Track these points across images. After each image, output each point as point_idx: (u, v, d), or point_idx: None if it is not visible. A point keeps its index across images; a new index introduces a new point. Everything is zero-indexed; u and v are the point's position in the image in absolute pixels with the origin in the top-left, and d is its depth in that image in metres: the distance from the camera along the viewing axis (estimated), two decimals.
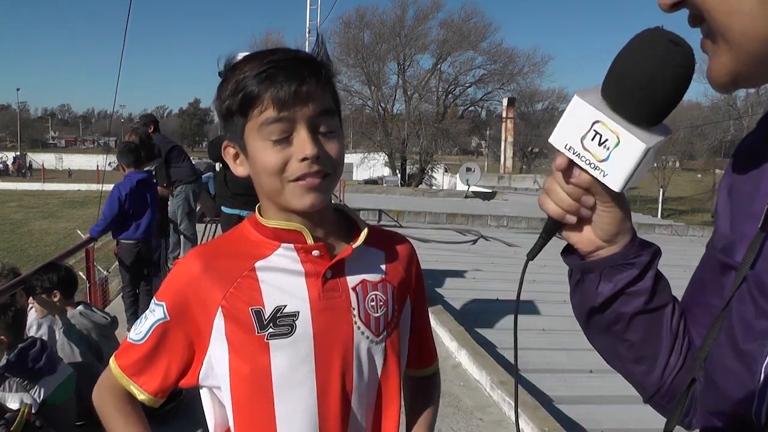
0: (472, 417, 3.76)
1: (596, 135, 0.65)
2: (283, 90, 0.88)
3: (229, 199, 4.61)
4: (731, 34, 0.56)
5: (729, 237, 0.67)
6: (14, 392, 2.89)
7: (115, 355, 1.04)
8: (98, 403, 1.05)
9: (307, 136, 0.90)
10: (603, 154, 0.65)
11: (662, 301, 0.76)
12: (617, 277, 0.75)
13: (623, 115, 0.64)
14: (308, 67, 0.91)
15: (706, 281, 0.74)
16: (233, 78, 0.92)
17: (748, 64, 0.57)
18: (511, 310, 5.84)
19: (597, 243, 0.76)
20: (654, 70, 0.62)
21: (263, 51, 0.95)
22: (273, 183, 0.93)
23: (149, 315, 1.00)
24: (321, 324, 0.96)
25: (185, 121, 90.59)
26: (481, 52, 34.26)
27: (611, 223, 0.73)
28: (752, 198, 0.65)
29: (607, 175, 0.65)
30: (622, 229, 0.75)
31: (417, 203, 14.68)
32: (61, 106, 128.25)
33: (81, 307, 3.64)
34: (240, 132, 0.94)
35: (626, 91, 0.64)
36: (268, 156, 0.91)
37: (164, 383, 1.00)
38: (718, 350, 0.62)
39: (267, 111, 0.90)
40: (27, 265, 9.19)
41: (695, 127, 40.64)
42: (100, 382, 1.06)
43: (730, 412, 0.60)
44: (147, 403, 1.02)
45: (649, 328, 0.77)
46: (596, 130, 0.65)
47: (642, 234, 0.73)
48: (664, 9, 0.61)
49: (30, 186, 33.84)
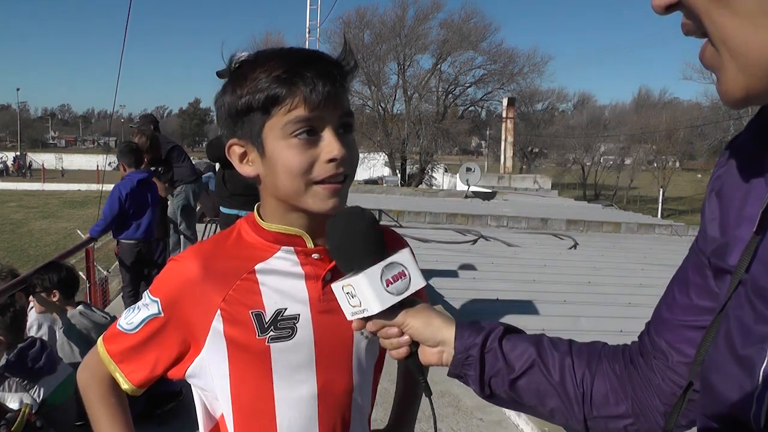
0: (472, 417, 3.76)
1: (348, 295, 0.86)
2: (316, 90, 0.87)
3: (227, 199, 4.59)
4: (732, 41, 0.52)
5: (719, 240, 0.67)
6: (14, 392, 2.89)
7: (103, 338, 1.03)
8: (83, 386, 1.04)
9: (334, 138, 0.90)
10: (358, 301, 0.85)
11: (527, 364, 0.84)
12: (470, 376, 0.85)
13: (351, 270, 0.85)
14: (338, 69, 0.91)
15: (691, 282, 0.74)
16: (252, 74, 0.89)
17: (756, 75, 0.52)
18: (511, 310, 5.84)
19: (435, 352, 0.87)
20: (335, 237, 0.86)
21: (279, 49, 0.93)
22: (295, 184, 0.91)
23: (142, 308, 0.98)
24: (321, 326, 0.96)
25: (185, 121, 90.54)
26: (481, 52, 34.31)
27: (419, 334, 0.86)
28: (744, 201, 0.64)
29: (366, 309, 0.84)
30: (435, 330, 0.85)
31: (417, 203, 14.66)
32: (61, 106, 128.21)
33: (81, 307, 3.64)
34: (258, 130, 0.91)
35: (337, 260, 0.89)
36: (293, 156, 0.90)
37: (150, 376, 0.99)
38: (715, 355, 0.62)
39: (297, 109, 0.88)
40: (27, 265, 9.19)
41: (695, 127, 40.64)
42: (85, 363, 1.05)
43: (727, 415, 0.59)
44: (129, 392, 1.01)
45: (536, 389, 0.84)
46: (346, 292, 0.86)
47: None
48: (659, 12, 0.58)
49: (30, 186, 33.82)
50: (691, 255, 0.76)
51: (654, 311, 0.81)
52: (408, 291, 0.85)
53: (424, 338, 0.86)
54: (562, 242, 10.34)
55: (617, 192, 45.41)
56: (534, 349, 0.85)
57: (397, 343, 0.87)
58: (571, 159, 46.87)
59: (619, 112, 55.18)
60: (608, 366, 0.84)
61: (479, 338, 0.85)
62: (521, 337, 0.88)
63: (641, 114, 48.05)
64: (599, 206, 18.52)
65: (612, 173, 46.93)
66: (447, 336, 0.85)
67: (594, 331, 5.48)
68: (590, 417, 0.83)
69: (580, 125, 48.01)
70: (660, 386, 0.79)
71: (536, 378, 0.84)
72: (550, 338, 0.88)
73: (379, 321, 0.86)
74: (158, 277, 1.00)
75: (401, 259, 0.86)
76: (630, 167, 44.80)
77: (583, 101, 57.40)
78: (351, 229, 0.85)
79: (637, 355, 0.83)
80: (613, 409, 0.82)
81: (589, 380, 0.83)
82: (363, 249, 0.85)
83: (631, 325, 5.00)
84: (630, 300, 6.39)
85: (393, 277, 0.84)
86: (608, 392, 0.83)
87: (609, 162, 47.23)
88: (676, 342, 0.76)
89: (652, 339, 0.80)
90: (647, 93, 57.22)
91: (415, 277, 0.86)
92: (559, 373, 0.84)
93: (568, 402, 0.83)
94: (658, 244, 10.76)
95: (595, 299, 6.50)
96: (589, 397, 0.83)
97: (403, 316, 0.86)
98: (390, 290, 0.83)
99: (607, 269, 8.08)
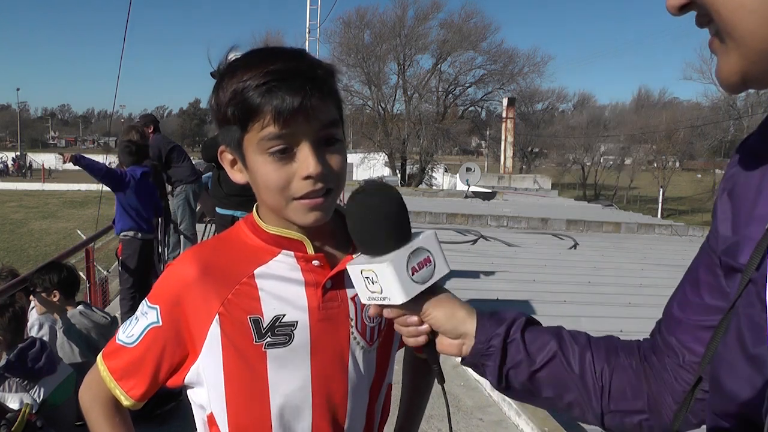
0: (472, 417, 3.76)
1: (367, 280, 0.81)
2: (285, 105, 0.83)
3: (223, 200, 4.56)
4: (738, 32, 0.56)
5: (730, 239, 0.67)
6: (14, 392, 2.90)
7: (103, 354, 1.01)
8: (86, 408, 1.03)
9: (310, 153, 0.86)
10: (378, 287, 0.80)
11: (548, 356, 0.83)
12: (489, 366, 0.84)
13: (373, 254, 0.81)
14: (311, 80, 0.86)
15: (702, 281, 0.74)
16: (231, 84, 0.87)
17: (757, 62, 0.57)
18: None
19: (455, 344, 0.85)
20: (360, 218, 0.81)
21: (261, 54, 0.89)
22: (275, 199, 0.90)
23: (141, 318, 0.96)
24: (319, 333, 0.95)
25: (185, 121, 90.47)
26: (481, 52, 34.34)
27: (441, 326, 0.84)
28: (756, 201, 0.64)
29: (387, 297, 0.80)
30: (458, 323, 0.84)
31: (417, 203, 14.66)
32: (61, 106, 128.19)
33: (81, 307, 3.64)
34: (238, 142, 0.90)
35: (359, 241, 0.83)
36: (270, 173, 0.88)
37: (150, 389, 0.98)
38: (725, 353, 0.62)
39: (268, 127, 0.85)
40: (27, 265, 9.19)
41: (695, 127, 40.64)
42: (87, 383, 1.03)
43: (738, 413, 0.59)
44: (130, 408, 1.00)
45: (556, 381, 0.83)
46: (365, 276, 0.81)
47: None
48: (673, 12, 0.61)
49: (30, 186, 33.82)
50: (702, 254, 0.76)
51: (665, 310, 0.81)
52: (433, 279, 0.80)
53: (445, 330, 0.84)
54: (562, 242, 10.34)
55: (617, 192, 45.40)
56: (555, 341, 0.84)
57: (415, 331, 0.85)
58: (571, 159, 46.85)
59: (619, 112, 55.27)
60: (625, 360, 0.84)
61: (501, 329, 0.83)
62: (541, 329, 0.87)
63: (641, 114, 48.09)
64: (599, 206, 18.51)
65: (612, 173, 46.92)
66: (470, 329, 0.84)
67: (594, 332, 5.46)
68: (607, 411, 0.83)
69: (580, 125, 48.02)
70: (672, 384, 0.79)
71: (557, 370, 0.83)
72: (570, 331, 0.88)
73: (398, 309, 0.83)
74: (156, 284, 0.98)
75: (427, 243, 0.80)
76: (630, 167, 44.81)
77: (583, 101, 57.42)
78: (381, 209, 0.80)
79: (650, 352, 0.83)
80: (630, 403, 0.83)
81: (607, 374, 0.83)
82: (391, 231, 0.79)
83: (631, 325, 5.00)
84: (630, 300, 6.39)
85: (419, 264, 0.79)
86: (626, 387, 0.83)
87: (609, 162, 47.22)
88: (687, 341, 0.76)
89: (663, 337, 0.80)
90: (647, 93, 57.33)
91: (440, 263, 0.80)
92: (579, 367, 0.83)
93: (587, 395, 0.83)
94: (658, 244, 10.76)
95: (595, 299, 6.50)
96: (607, 391, 0.83)
97: (426, 306, 0.83)
98: (415, 279, 0.78)
99: (607, 269, 8.08)
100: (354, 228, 0.83)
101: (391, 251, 0.78)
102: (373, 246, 0.80)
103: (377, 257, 0.79)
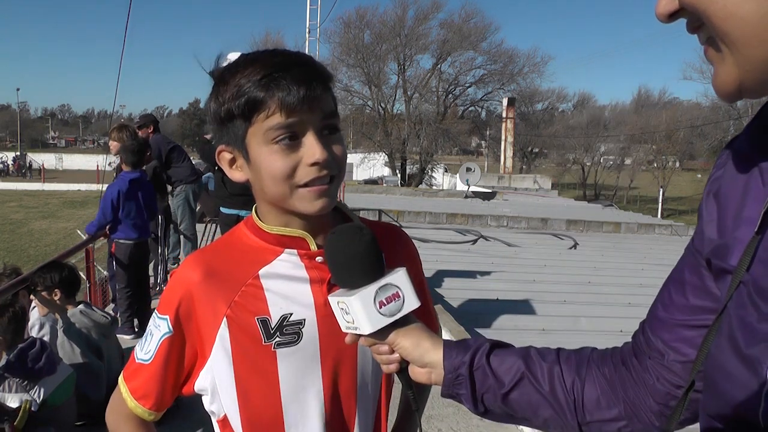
0: (472, 417, 3.76)
1: (342, 311, 0.87)
2: (291, 95, 0.86)
3: (227, 200, 4.59)
4: (730, 39, 0.56)
5: (716, 241, 0.67)
6: (14, 392, 2.90)
7: (123, 376, 1.02)
8: (113, 429, 1.05)
9: (315, 141, 0.89)
10: (351, 318, 0.86)
11: (516, 377, 0.85)
12: (463, 394, 0.87)
13: (348, 288, 0.87)
14: (313, 71, 0.90)
15: (687, 281, 0.74)
16: (233, 81, 0.89)
17: (751, 71, 0.56)
18: (511, 310, 5.85)
19: (423, 372, 0.89)
20: (333, 258, 0.88)
21: (261, 52, 0.93)
22: (280, 188, 0.91)
23: (154, 331, 0.98)
24: (327, 330, 0.96)
25: (185, 121, 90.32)
26: (481, 52, 34.28)
27: (408, 354, 0.88)
28: (743, 203, 0.64)
29: (358, 327, 0.86)
30: (423, 352, 0.87)
31: (417, 203, 14.66)
32: (61, 106, 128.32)
33: (81, 306, 3.64)
34: (241, 136, 0.91)
35: (335, 277, 0.89)
36: (275, 161, 0.89)
37: (171, 398, 1.00)
38: (718, 354, 0.62)
39: (274, 116, 0.88)
40: (27, 265, 9.19)
41: (695, 127, 40.64)
42: (111, 407, 1.05)
43: (733, 415, 0.60)
44: (153, 420, 1.02)
45: (528, 400, 0.85)
46: (341, 307, 0.87)
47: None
48: (662, 20, 0.61)
49: (30, 186, 33.77)
50: (687, 255, 0.76)
51: (649, 310, 0.82)
52: (401, 312, 0.86)
53: (412, 358, 0.88)
54: (562, 242, 10.34)
55: (617, 192, 45.41)
56: (522, 361, 0.86)
57: (386, 359, 0.90)
58: (571, 159, 46.85)
59: (619, 112, 55.20)
60: (597, 370, 0.85)
61: (467, 357, 0.86)
62: (509, 351, 0.89)
63: (641, 114, 48.03)
64: (599, 206, 18.52)
65: (612, 173, 46.92)
66: (435, 359, 0.87)
67: (594, 331, 5.49)
68: (584, 423, 0.84)
69: (580, 125, 48.02)
70: (654, 386, 0.79)
71: (527, 390, 0.85)
72: (538, 349, 0.89)
73: (370, 338, 0.88)
74: (163, 294, 0.99)
75: (396, 280, 0.86)
76: (630, 167, 44.80)
77: (583, 101, 57.39)
78: (348, 250, 0.85)
79: (629, 355, 0.83)
80: (605, 412, 0.83)
81: (579, 386, 0.84)
82: (359, 269, 0.86)
83: (631, 325, 4.98)
84: (630, 300, 6.40)
85: (387, 299, 0.85)
86: (599, 396, 0.84)
87: (609, 162, 47.21)
88: (672, 341, 0.76)
89: (647, 338, 0.80)
90: (647, 93, 57.24)
91: (409, 298, 0.86)
92: (549, 383, 0.85)
93: (560, 410, 0.84)
94: (658, 244, 10.76)
95: (595, 299, 6.50)
96: (581, 403, 0.84)
97: (394, 336, 0.87)
98: (383, 312, 0.85)
99: (607, 269, 8.09)
100: (330, 266, 0.89)
101: (362, 287, 0.85)
102: (346, 282, 0.88)
103: (350, 291, 0.86)
